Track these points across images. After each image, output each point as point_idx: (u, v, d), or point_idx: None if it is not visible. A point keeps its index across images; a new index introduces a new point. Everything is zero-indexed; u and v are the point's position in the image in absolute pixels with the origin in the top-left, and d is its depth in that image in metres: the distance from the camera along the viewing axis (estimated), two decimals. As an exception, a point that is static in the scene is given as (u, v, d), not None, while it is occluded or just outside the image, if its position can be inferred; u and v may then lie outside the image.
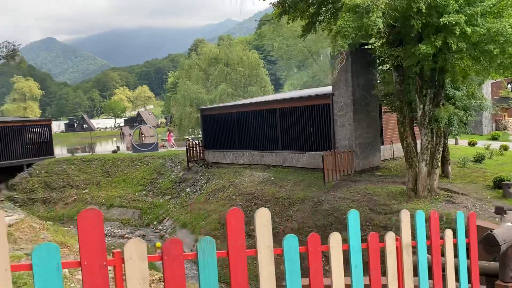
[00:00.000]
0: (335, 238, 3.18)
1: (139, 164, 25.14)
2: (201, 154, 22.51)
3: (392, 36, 10.85)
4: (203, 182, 20.74)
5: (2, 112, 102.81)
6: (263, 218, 2.84)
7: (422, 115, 11.33)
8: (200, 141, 23.30)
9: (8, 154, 24.96)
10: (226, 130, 20.97)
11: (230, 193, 17.26)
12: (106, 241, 16.95)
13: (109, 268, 2.31)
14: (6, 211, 12.66)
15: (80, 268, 2.20)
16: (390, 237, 3.54)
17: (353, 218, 3.28)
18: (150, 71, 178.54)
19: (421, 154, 11.57)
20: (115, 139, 67.06)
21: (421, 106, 11.32)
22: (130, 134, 41.40)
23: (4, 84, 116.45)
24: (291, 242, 2.93)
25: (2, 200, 18.74)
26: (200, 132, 34.31)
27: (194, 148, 22.45)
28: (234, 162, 20.54)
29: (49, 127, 27.89)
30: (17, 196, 23.44)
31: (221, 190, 18.45)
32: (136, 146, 27.57)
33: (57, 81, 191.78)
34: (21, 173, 24.89)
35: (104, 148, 38.53)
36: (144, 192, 22.78)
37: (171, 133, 32.11)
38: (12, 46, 4.76)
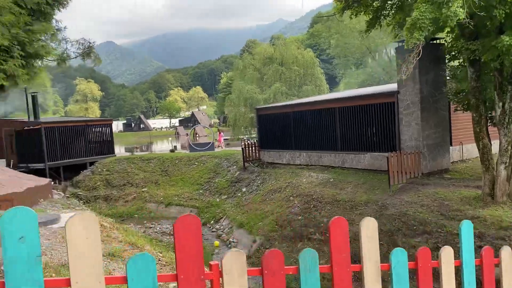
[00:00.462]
0: (447, 253, 2.76)
1: (196, 163, 25.42)
2: (257, 154, 22.35)
3: (469, 29, 10.04)
4: (259, 182, 20.56)
5: (66, 112, 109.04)
6: (368, 228, 2.49)
7: (501, 114, 10.42)
8: (255, 141, 23.16)
9: (73, 153, 26.13)
10: (282, 130, 20.65)
11: (287, 194, 16.92)
12: (164, 239, 17.17)
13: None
14: (75, 209, 13.06)
15: (176, 282, 1.96)
16: (506, 251, 3.05)
17: (467, 230, 2.84)
18: (203, 72, 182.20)
19: (500, 156, 10.64)
20: (170, 138, 68.86)
21: (501, 104, 10.41)
22: (187, 134, 42.21)
23: (68, 86, 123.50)
24: (399, 256, 2.55)
25: (68, 197, 19.54)
26: (255, 132, 34.34)
27: (250, 148, 22.33)
28: (290, 162, 20.18)
29: (110, 126, 28.95)
30: (80, 193, 24.44)
31: (277, 191, 18.16)
32: (192, 145, 27.95)
33: (116, 83, 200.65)
34: (84, 171, 25.96)
35: (160, 147, 39.58)
36: (201, 191, 22.96)
37: (222, 134, 32.30)
38: (88, 43, 4.85)
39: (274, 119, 21.30)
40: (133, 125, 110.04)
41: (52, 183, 15.94)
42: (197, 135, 44.57)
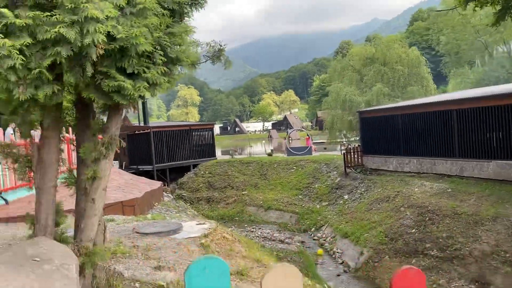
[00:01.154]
0: None
1: (294, 167, 25.02)
2: (359, 159, 21.28)
3: None
4: (362, 189, 19.51)
5: (168, 117, 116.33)
6: None
7: None
8: (357, 146, 22.11)
9: (178, 155, 27.31)
10: (389, 134, 19.36)
11: (397, 205, 15.71)
12: (266, 244, 16.88)
13: None
14: (197, 220, 13.35)
15: None
16: None
17: None
18: (295, 75, 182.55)
19: None
20: (264, 141, 69.59)
21: None
22: (285, 138, 42.18)
23: (170, 92, 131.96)
24: None
25: (174, 198, 20.36)
26: (352, 136, 33.07)
27: (352, 153, 21.35)
28: (398, 169, 18.82)
29: (211, 130, 29.84)
30: (185, 194, 25.37)
31: (385, 200, 16.99)
32: (290, 149, 27.63)
33: (212, 88, 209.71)
34: (188, 173, 26.96)
35: (254, 150, 39.94)
36: (300, 197, 22.48)
37: (310, 138, 31.57)
38: (219, 46, 4.72)
39: (380, 122, 20.08)
40: (228, 128, 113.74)
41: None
42: (290, 139, 44.37)
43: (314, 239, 18.04)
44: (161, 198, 13.40)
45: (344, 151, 21.34)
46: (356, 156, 21.31)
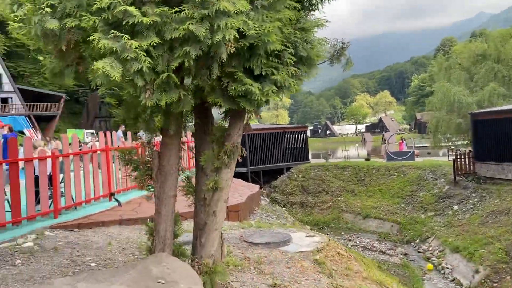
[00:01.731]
0: None
1: (395, 174, 23.49)
2: (471, 166, 19.23)
3: None
4: (475, 200, 17.59)
5: (259, 119, 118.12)
6: None
7: None
8: (468, 151, 20.03)
9: (272, 158, 27.20)
10: (508, 138, 17.17)
11: (521, 219, 13.83)
12: (366, 254, 15.90)
13: None
14: (307, 231, 12.96)
15: None
16: None
17: None
18: (390, 75, 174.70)
19: None
20: (357, 145, 67.26)
21: None
22: (384, 141, 40.18)
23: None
24: None
25: (270, 202, 20.17)
26: (460, 140, 30.21)
27: (462, 159, 19.37)
28: (520, 178, 16.63)
29: (305, 133, 29.30)
30: (278, 198, 25.12)
31: (504, 213, 15.10)
32: (390, 154, 26.05)
33: (303, 90, 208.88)
34: (281, 176, 26.70)
35: (346, 154, 38.42)
36: (402, 205, 21.00)
37: (404, 142, 29.34)
38: (341, 45, 4.27)
39: (497, 125, 17.91)
40: (319, 131, 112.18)
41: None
42: (385, 142, 42.05)
43: (419, 252, 16.66)
44: (259, 202, 13.20)
45: (454, 157, 19.42)
46: (467, 162, 19.30)
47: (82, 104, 61.34)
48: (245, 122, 3.73)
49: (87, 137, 47.37)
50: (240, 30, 2.81)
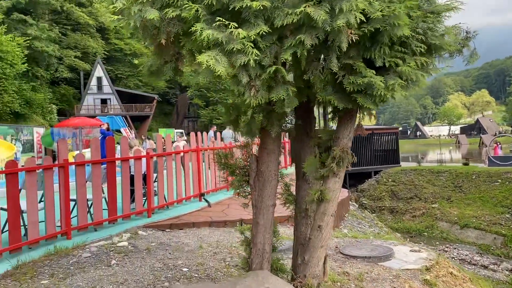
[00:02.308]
0: None
1: (499, 181, 21.19)
2: None
3: None
4: None
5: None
6: None
7: None
8: None
9: (360, 161, 26.04)
10: None
11: None
12: (468, 268, 14.36)
13: None
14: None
15: None
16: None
17: None
18: (489, 73, 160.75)
19: None
20: (451, 148, 62.60)
21: None
22: (482, 144, 36.81)
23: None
24: None
25: (358, 207, 19.23)
26: None
27: None
28: None
29: (396, 135, 27.67)
30: (365, 202, 23.99)
31: None
32: (493, 159, 23.61)
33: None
34: (369, 179, 25.48)
35: (440, 157, 35.60)
36: (507, 216, 18.85)
37: (499, 145, 26.15)
38: (465, 34, 3.68)
39: None
40: (408, 132, 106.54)
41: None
42: (483, 146, 38.36)
43: (535, 269, 14.78)
44: (348, 208, 12.49)
45: None
46: None
47: (172, 105, 64.52)
48: (356, 123, 3.24)
49: (176, 137, 49.68)
50: (365, 12, 2.33)
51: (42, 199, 5.82)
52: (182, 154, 8.47)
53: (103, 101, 49.46)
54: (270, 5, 2.32)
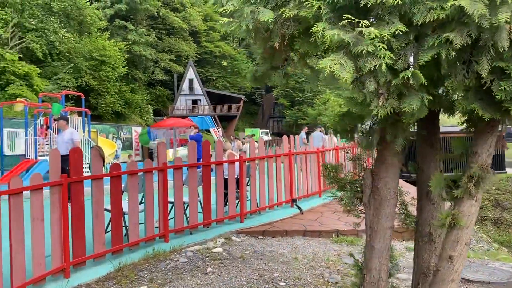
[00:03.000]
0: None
1: None
2: None
3: None
4: None
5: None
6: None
7: None
8: None
9: (456, 166, 23.99)
10: None
11: None
12: None
13: None
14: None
15: None
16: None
17: None
18: None
19: None
20: None
21: None
22: None
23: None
24: None
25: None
26: None
27: None
28: None
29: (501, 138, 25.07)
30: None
31: None
32: None
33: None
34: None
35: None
36: None
37: None
38: None
39: None
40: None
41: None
42: None
43: None
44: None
45: None
46: None
47: (258, 105, 65.44)
48: (497, 135, 2.71)
49: (262, 137, 50.25)
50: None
51: (142, 201, 5.95)
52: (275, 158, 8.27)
53: (194, 102, 51.59)
54: (408, 0, 1.94)
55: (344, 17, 2.03)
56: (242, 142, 36.60)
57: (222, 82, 59.19)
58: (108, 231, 5.41)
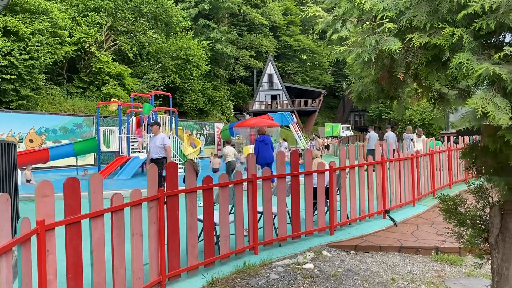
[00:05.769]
0: None
1: None
2: None
3: None
4: None
5: None
6: None
7: None
8: None
9: None
10: None
11: None
12: None
13: None
14: None
15: None
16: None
17: None
18: None
19: None
20: None
21: None
22: None
23: None
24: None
25: None
26: None
27: None
28: None
29: None
30: None
31: None
32: None
33: None
34: None
35: None
36: None
37: None
38: None
39: None
40: None
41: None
42: None
43: None
44: None
45: None
46: None
47: (338, 98, 63.94)
48: None
49: (343, 131, 49.01)
50: None
51: (232, 211, 5.93)
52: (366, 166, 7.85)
53: (273, 97, 51.76)
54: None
55: (505, 49, 1.69)
56: (322, 141, 35.89)
57: (301, 76, 58.70)
58: (201, 240, 5.46)
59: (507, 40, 1.96)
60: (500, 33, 1.83)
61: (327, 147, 35.93)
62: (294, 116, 39.47)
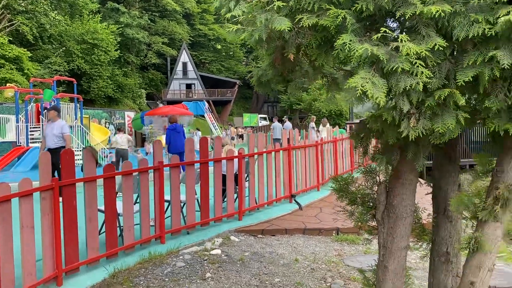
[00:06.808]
0: None
1: None
2: None
3: None
4: None
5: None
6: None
7: None
8: None
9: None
10: None
11: None
12: None
13: None
14: None
15: None
16: None
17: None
18: None
19: None
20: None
21: None
22: None
23: None
24: None
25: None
26: None
27: None
28: None
29: None
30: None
31: None
32: None
33: None
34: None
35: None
36: None
37: None
38: None
39: None
40: None
41: None
42: None
43: None
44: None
45: None
46: None
47: (252, 89, 64.85)
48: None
49: (260, 122, 49.86)
50: None
51: (137, 201, 5.72)
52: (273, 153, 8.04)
53: (188, 86, 51.00)
54: (450, 11, 1.70)
55: (382, 30, 1.78)
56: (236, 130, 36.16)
57: (216, 66, 58.48)
58: (102, 233, 5.19)
59: (389, 24, 2.10)
60: (380, 17, 1.94)
61: (241, 136, 36.35)
62: (208, 105, 39.26)
